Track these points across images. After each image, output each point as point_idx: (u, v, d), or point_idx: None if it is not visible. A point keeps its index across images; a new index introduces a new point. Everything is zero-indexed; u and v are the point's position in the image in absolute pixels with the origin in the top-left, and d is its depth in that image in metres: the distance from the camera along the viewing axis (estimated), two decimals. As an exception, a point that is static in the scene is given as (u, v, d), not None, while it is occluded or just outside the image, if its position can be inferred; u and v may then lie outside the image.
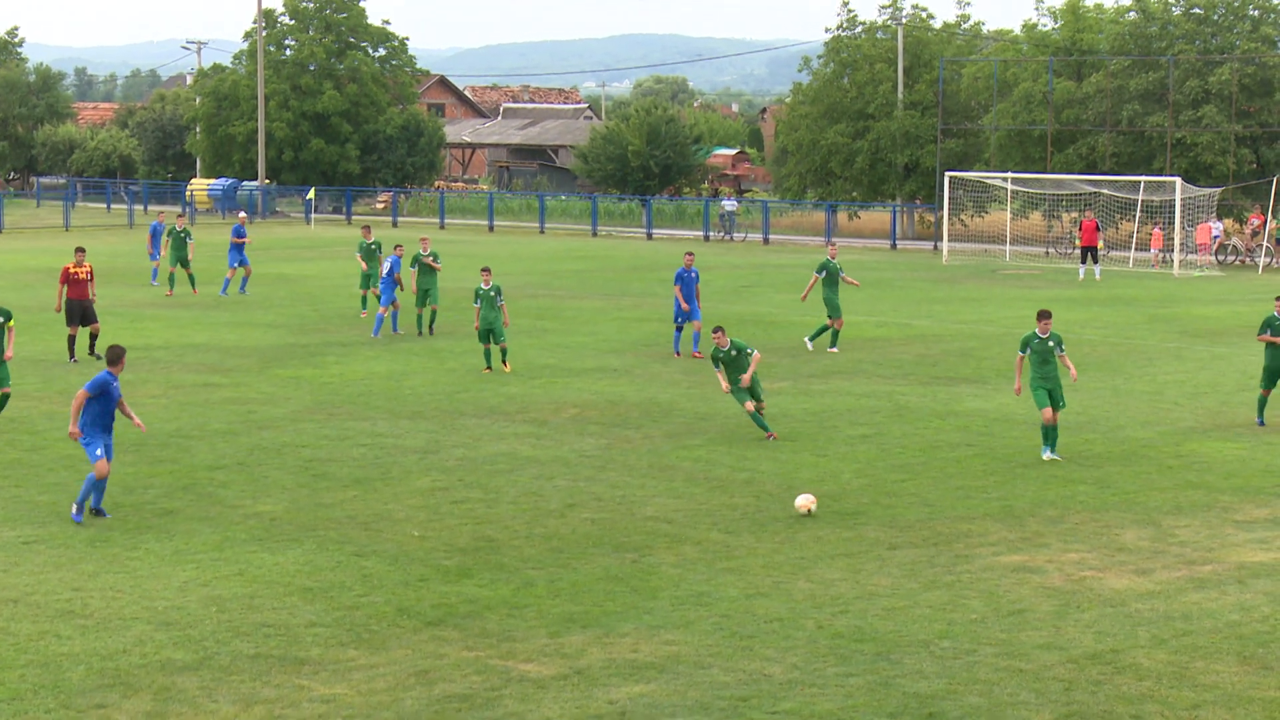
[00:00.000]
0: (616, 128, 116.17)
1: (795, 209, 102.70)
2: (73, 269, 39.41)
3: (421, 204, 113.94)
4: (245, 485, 25.50)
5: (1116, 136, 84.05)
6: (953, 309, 52.75)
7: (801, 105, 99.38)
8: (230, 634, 17.96)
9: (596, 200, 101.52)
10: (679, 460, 27.72)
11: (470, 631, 18.17)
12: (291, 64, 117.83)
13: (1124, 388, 36.04)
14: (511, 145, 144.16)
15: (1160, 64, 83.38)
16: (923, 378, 37.35)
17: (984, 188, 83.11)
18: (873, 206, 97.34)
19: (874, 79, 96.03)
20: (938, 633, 18.18)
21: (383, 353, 40.80)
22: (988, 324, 48.32)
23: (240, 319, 47.98)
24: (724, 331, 29.90)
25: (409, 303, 45.81)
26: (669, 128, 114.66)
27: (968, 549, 21.89)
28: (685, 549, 21.81)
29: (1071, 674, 16.84)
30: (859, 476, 26.47)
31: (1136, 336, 45.59)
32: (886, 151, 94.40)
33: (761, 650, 17.55)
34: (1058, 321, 48.40)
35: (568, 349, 41.84)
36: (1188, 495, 25.26)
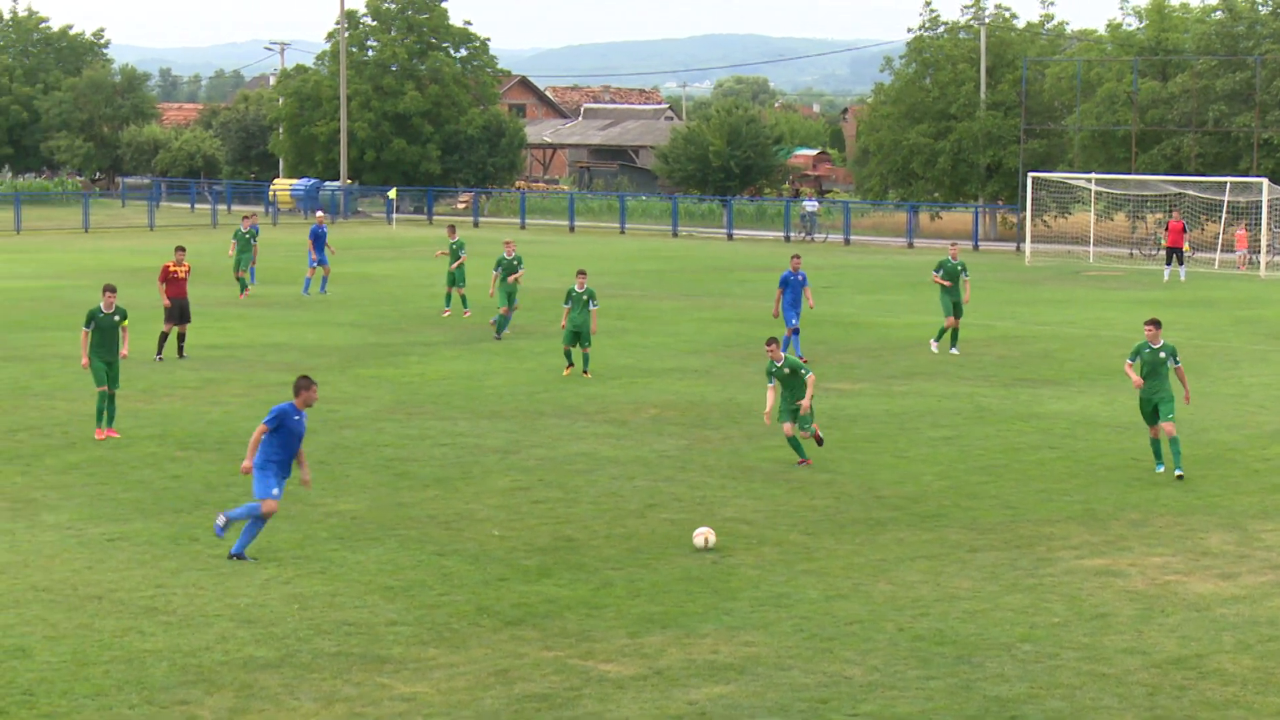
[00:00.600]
0: (697, 128, 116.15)
1: (876, 210, 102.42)
2: (173, 267, 39.77)
3: (502, 204, 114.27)
4: (327, 484, 25.62)
5: (1202, 137, 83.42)
6: (1035, 310, 52.49)
7: (883, 105, 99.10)
8: (312, 632, 18.06)
9: (677, 201, 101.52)
10: (759, 461, 27.69)
11: (550, 631, 18.20)
12: (373, 65, 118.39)
13: (1209, 391, 35.74)
14: (592, 146, 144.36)
15: (1247, 64, 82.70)
16: (1004, 379, 37.18)
17: (1067, 189, 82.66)
18: (954, 207, 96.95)
19: (956, 79, 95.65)
20: (1019, 636, 18.09)
21: (463, 352, 40.93)
22: (1070, 326, 48.06)
23: (322, 319, 48.24)
24: (778, 344, 28.44)
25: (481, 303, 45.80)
26: (750, 128, 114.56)
27: (1050, 552, 21.77)
28: (765, 550, 21.79)
29: (1155, 679, 16.72)
30: (940, 478, 26.37)
31: (1221, 339, 45.23)
32: (969, 152, 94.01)
33: (841, 652, 17.51)
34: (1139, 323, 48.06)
35: (647, 349, 41.87)
36: (1274, 499, 25.04)
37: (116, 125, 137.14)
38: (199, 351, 40.08)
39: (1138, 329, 46.26)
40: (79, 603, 19.12)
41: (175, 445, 28.59)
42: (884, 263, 73.88)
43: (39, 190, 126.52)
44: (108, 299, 29.97)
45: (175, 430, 29.96)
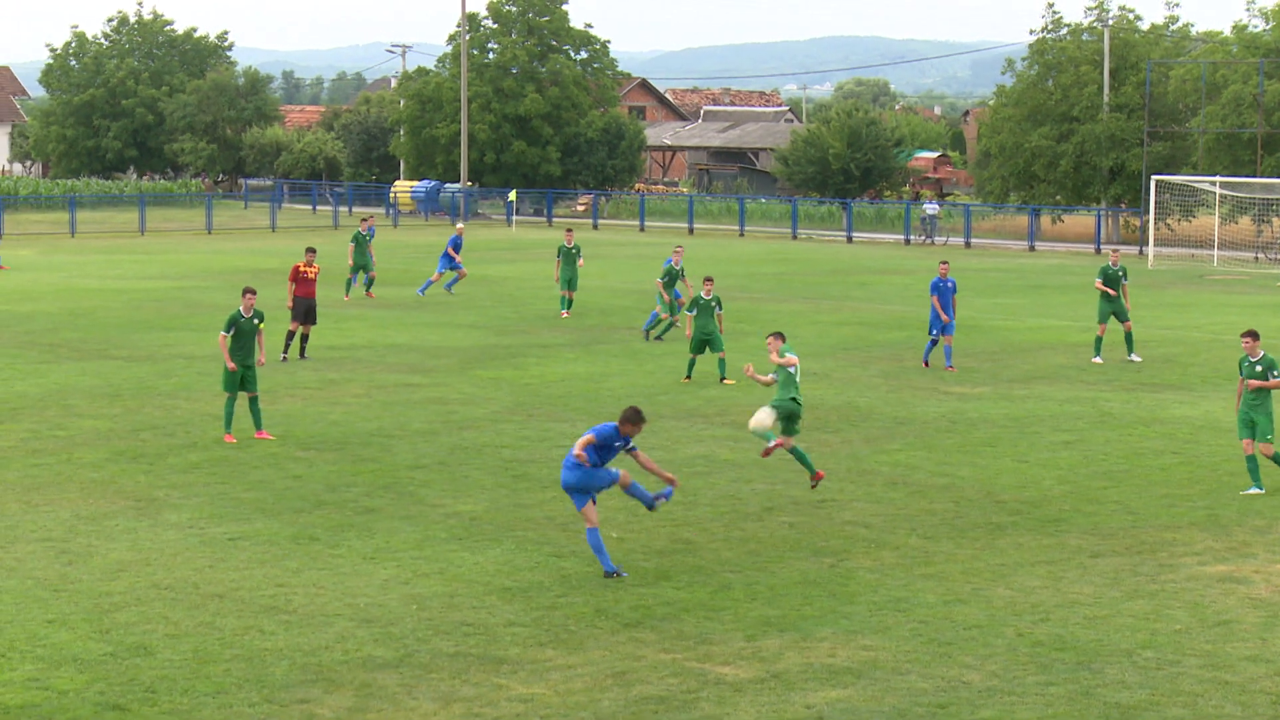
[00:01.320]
0: (817, 130, 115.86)
1: (997, 213, 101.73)
2: (303, 268, 40.16)
3: (621, 206, 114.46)
4: (445, 485, 25.77)
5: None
6: (1158, 314, 51.98)
7: (1005, 108, 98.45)
8: (430, 632, 18.17)
9: (796, 203, 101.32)
10: (877, 465, 27.59)
11: (667, 633, 18.21)
12: (494, 67, 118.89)
13: None
14: (712, 148, 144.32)
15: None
16: (1127, 384, 36.84)
17: (1191, 192, 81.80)
18: (1076, 210, 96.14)
19: (1079, 81, 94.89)
20: (1140, 642, 17.91)
21: (582, 354, 41.03)
22: (1194, 330, 47.57)
23: (442, 320, 48.52)
24: (783, 338, 26.76)
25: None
26: (870, 130, 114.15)
27: (1172, 558, 21.55)
28: (883, 554, 21.70)
29: (1279, 688, 16.51)
30: (1061, 483, 26.16)
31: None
32: (1091, 155, 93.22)
33: (960, 657, 17.41)
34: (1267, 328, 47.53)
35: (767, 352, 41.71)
36: (1400, 507, 24.66)
37: (240, 127, 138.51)
38: (319, 352, 40.42)
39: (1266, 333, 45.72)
40: (200, 601, 19.33)
41: (296, 445, 28.84)
42: (1005, 266, 73.39)
43: (163, 192, 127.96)
44: (248, 301, 29.92)
45: (296, 431, 30.22)
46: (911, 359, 40.61)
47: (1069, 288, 60.74)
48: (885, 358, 40.83)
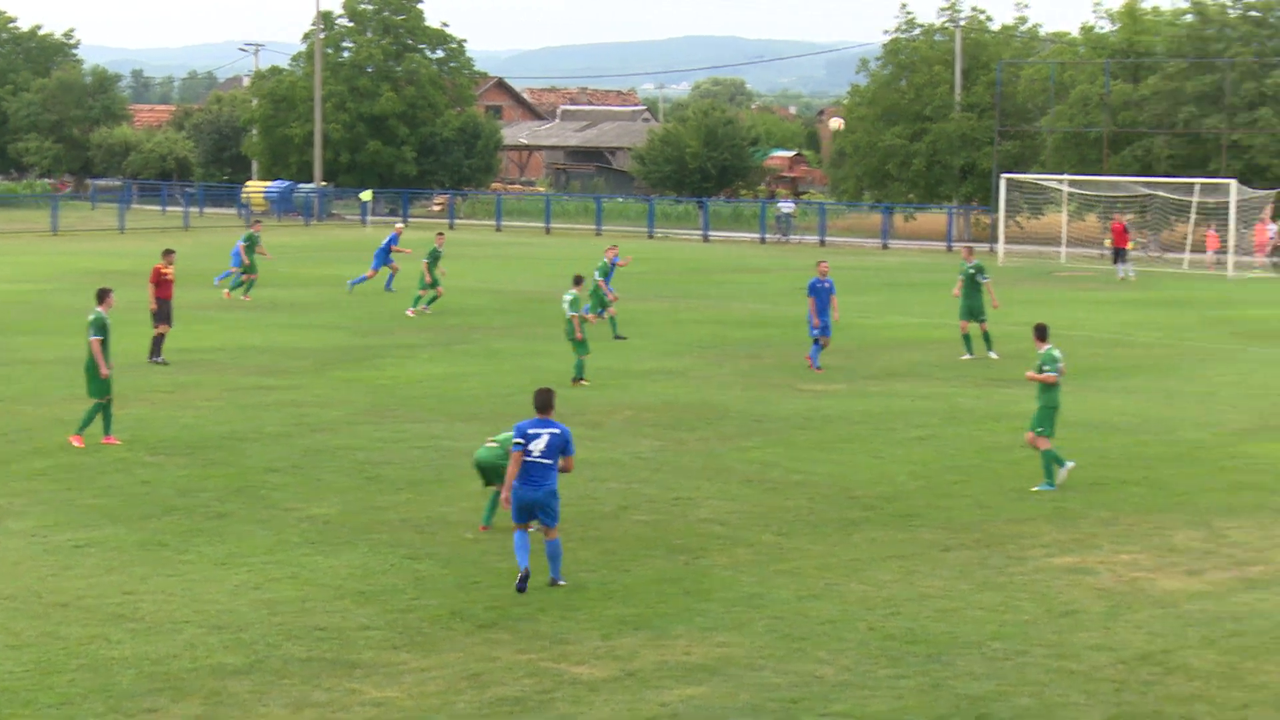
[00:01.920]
0: (674, 130, 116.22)
1: (852, 211, 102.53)
2: (163, 269, 39.74)
3: (478, 206, 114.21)
4: (299, 488, 25.56)
5: (1173, 139, 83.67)
6: (1008, 311, 52.47)
7: (859, 107, 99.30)
8: (282, 637, 18.01)
9: (654, 202, 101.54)
10: (733, 462, 27.69)
11: (523, 634, 18.17)
12: (349, 66, 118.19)
13: (1177, 390, 35.86)
14: (569, 147, 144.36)
15: (1217, 66, 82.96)
16: (978, 380, 37.23)
17: (1040, 190, 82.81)
18: (929, 208, 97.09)
19: (932, 81, 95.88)
20: (990, 634, 18.11)
21: (440, 355, 40.88)
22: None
23: (298, 321, 48.15)
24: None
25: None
26: (727, 129, 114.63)
27: (1020, 550, 21.81)
28: (739, 551, 21.78)
29: (1122, 675, 16.76)
30: (914, 478, 26.39)
31: (1190, 339, 45.34)
32: (943, 153, 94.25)
33: (813, 652, 17.51)
34: (1111, 323, 48.23)
35: (623, 351, 41.83)
36: (1240, 497, 25.11)
37: (87, 127, 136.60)
38: (172, 355, 39.93)
39: (1109, 329, 46.46)
40: (44, 610, 19.00)
41: (146, 450, 28.45)
42: (859, 264, 73.93)
43: (7, 193, 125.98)
44: (108, 303, 29.51)
45: (146, 435, 29.82)
46: (769, 357, 40.82)
47: (922, 285, 61.35)
48: (742, 356, 41.00)
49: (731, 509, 24.25)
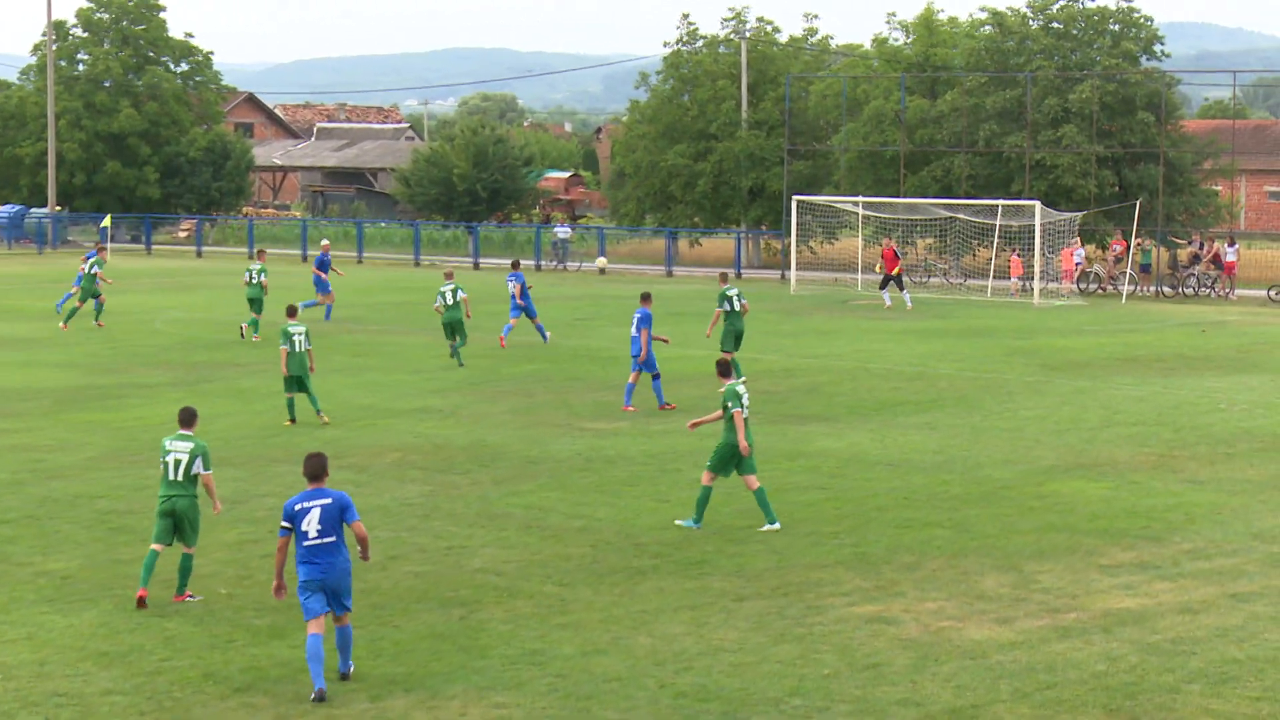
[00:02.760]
0: (440, 149, 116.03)
1: (633, 236, 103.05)
2: None
3: (228, 232, 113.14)
4: (34, 540, 25.09)
5: (973, 157, 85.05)
6: (801, 342, 53.12)
7: (639, 125, 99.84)
8: (17, 704, 17.65)
9: (419, 227, 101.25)
10: (509, 507, 27.65)
11: (283, 697, 17.98)
12: (85, 80, 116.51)
13: (982, 425, 36.45)
14: (326, 168, 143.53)
15: (1018, 81, 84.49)
16: (769, 416, 37.51)
17: (834, 213, 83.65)
18: (716, 233, 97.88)
19: (716, 96, 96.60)
20: (788, 689, 18.24)
21: (186, 394, 40.34)
22: (838, 358, 48.68)
23: (29, 359, 47.31)
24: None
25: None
26: (497, 149, 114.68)
27: (819, 599, 22.00)
28: (517, 603, 21.75)
29: (930, 732, 16.96)
30: (704, 523, 26.49)
31: (994, 370, 46.11)
32: (730, 174, 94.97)
33: (600, 712, 17.52)
34: (911, 354, 48.94)
35: (388, 388, 41.64)
36: (1050, 539, 25.56)
37: None
38: (-110, 396, 39.06)
39: (909, 360, 47.15)
40: None
41: None
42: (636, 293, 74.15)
43: None
44: None
45: None
46: (544, 394, 40.84)
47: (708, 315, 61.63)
48: (516, 392, 40.98)
49: (508, 558, 24.21)
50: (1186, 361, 48.27)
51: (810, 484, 29.65)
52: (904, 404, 39.45)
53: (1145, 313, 66.04)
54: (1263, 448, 33.71)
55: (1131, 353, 50.42)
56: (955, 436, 34.89)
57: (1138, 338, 55.25)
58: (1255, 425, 36.55)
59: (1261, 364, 47.88)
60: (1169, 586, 22.69)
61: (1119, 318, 63.42)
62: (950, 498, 28.60)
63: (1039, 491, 29.19)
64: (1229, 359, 49.11)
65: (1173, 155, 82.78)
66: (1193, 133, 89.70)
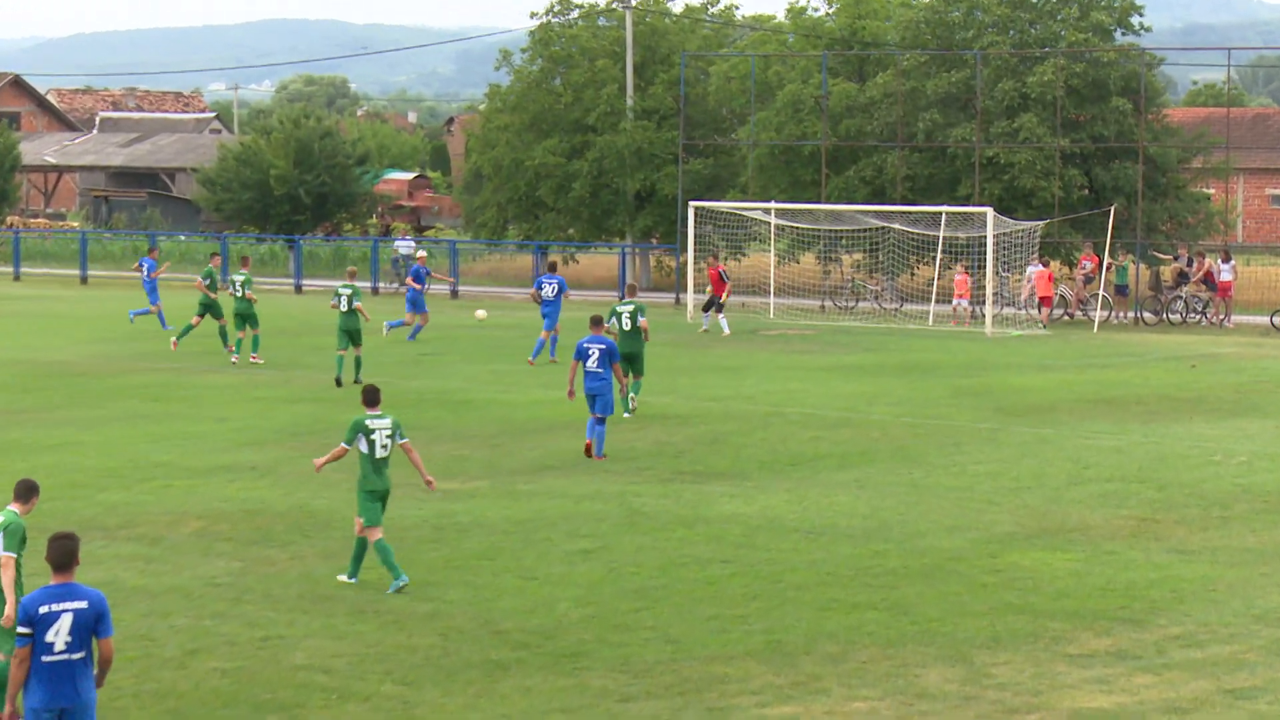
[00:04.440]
0: (254, 144, 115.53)
1: (493, 251, 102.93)
2: None
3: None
4: None
5: (911, 154, 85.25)
6: (701, 381, 53.10)
7: (500, 114, 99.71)
8: None
9: (227, 241, 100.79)
10: (340, 589, 27.50)
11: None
12: None
13: (924, 482, 36.53)
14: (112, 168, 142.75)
15: (965, 60, 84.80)
16: (663, 473, 37.47)
17: (741, 222, 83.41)
18: (595, 247, 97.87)
19: (595, 80, 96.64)
20: (685, 812, 18.21)
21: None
22: (747, 401, 48.70)
23: None
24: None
25: None
26: (324, 144, 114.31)
27: (724, 699, 21.99)
28: (349, 707, 21.65)
29: None
30: (579, 606, 26.47)
31: (938, 415, 46.26)
32: (613, 175, 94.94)
33: (451, 842, 17.45)
34: (837, 396, 49.03)
35: (190, 440, 41.37)
36: (1007, 622, 25.64)
37: None
38: None
39: (835, 403, 47.27)
40: None
41: None
42: (504, 321, 74.12)
43: None
44: None
45: None
46: (383, 446, 40.64)
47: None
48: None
49: (338, 651, 24.09)
50: (1172, 404, 48.63)
51: (712, 556, 29.62)
52: (827, 457, 39.50)
53: (1122, 344, 66.53)
54: (1265, 509, 33.97)
55: (1106, 393, 50.74)
56: (890, 497, 34.95)
57: (1113, 375, 55.64)
58: (1256, 482, 36.83)
59: (1264, 407, 48.29)
60: (1152, 680, 22.81)
61: (1090, 350, 63.83)
62: (884, 572, 28.64)
63: (993, 564, 29.28)
64: (1224, 401, 49.51)
65: (1154, 151, 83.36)
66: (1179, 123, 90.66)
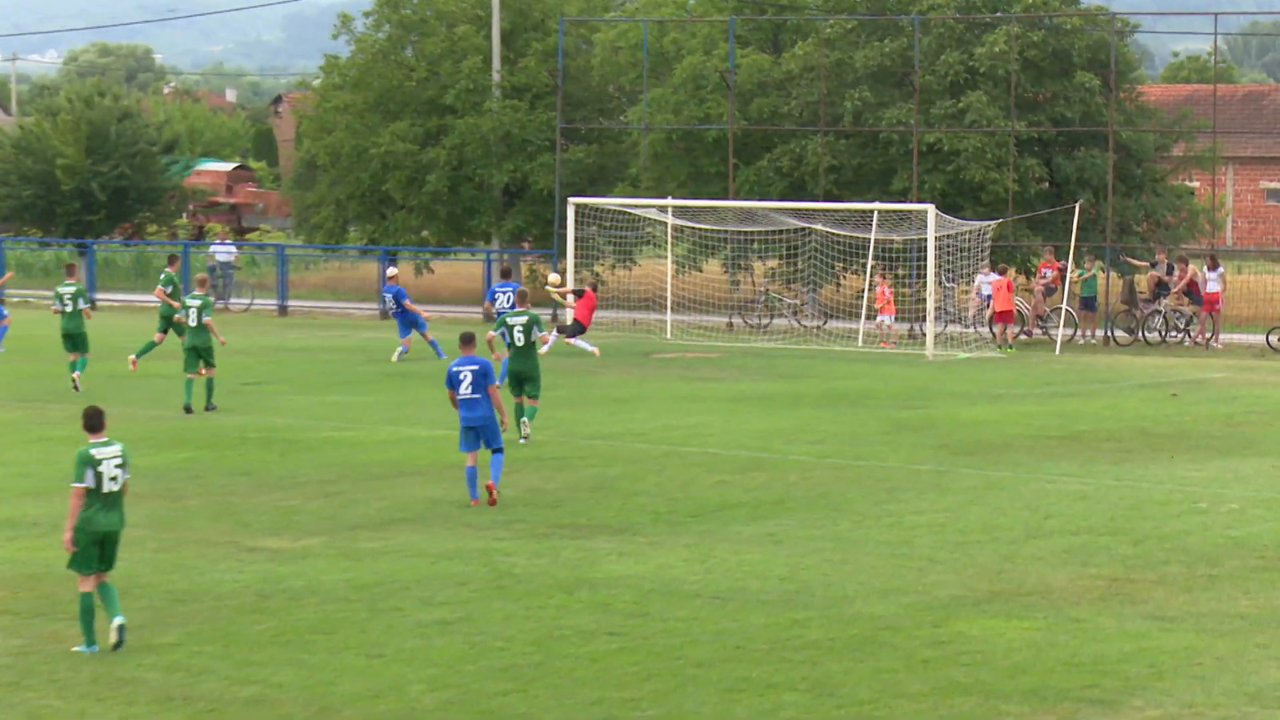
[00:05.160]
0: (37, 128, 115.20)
1: (330, 258, 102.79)
2: None
3: None
4: None
5: (836, 141, 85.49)
6: (584, 416, 53.15)
7: (339, 92, 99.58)
8: None
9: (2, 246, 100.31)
10: (140, 670, 27.41)
11: None
12: None
13: (852, 536, 36.60)
14: None
15: (901, 27, 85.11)
16: (537, 527, 37.47)
17: (631, 223, 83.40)
18: (455, 253, 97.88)
19: (455, 50, 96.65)
20: None
21: None
22: (639, 439, 48.76)
23: None
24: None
25: None
26: (124, 128, 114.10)
27: (610, 801, 22.06)
28: (154, 814, 21.63)
29: None
30: (436, 689, 26.48)
31: (870, 455, 46.38)
32: (476, 166, 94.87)
33: None
34: (746, 432, 49.16)
35: (-42, 490, 41.22)
36: (953, 705, 25.75)
37: None
38: None
39: (745, 440, 47.43)
40: None
41: None
42: (340, 343, 74.03)
43: None
44: None
45: None
46: (196, 495, 40.56)
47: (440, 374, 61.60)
48: (155, 494, 40.64)
49: (143, 745, 24.06)
50: (1150, 440, 48.91)
51: (597, 627, 29.65)
52: (737, 506, 39.54)
53: (1089, 368, 66.92)
54: (1261, 566, 34.10)
55: (1070, 427, 50.99)
56: (812, 554, 35.01)
57: (1079, 405, 55.93)
58: (1250, 534, 37.01)
59: (1259, 443, 48.57)
60: (1127, 773, 22.97)
61: (1051, 376, 64.15)
62: (805, 645, 28.70)
63: (935, 635, 29.37)
64: (1212, 436, 49.82)
65: (1127, 137, 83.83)
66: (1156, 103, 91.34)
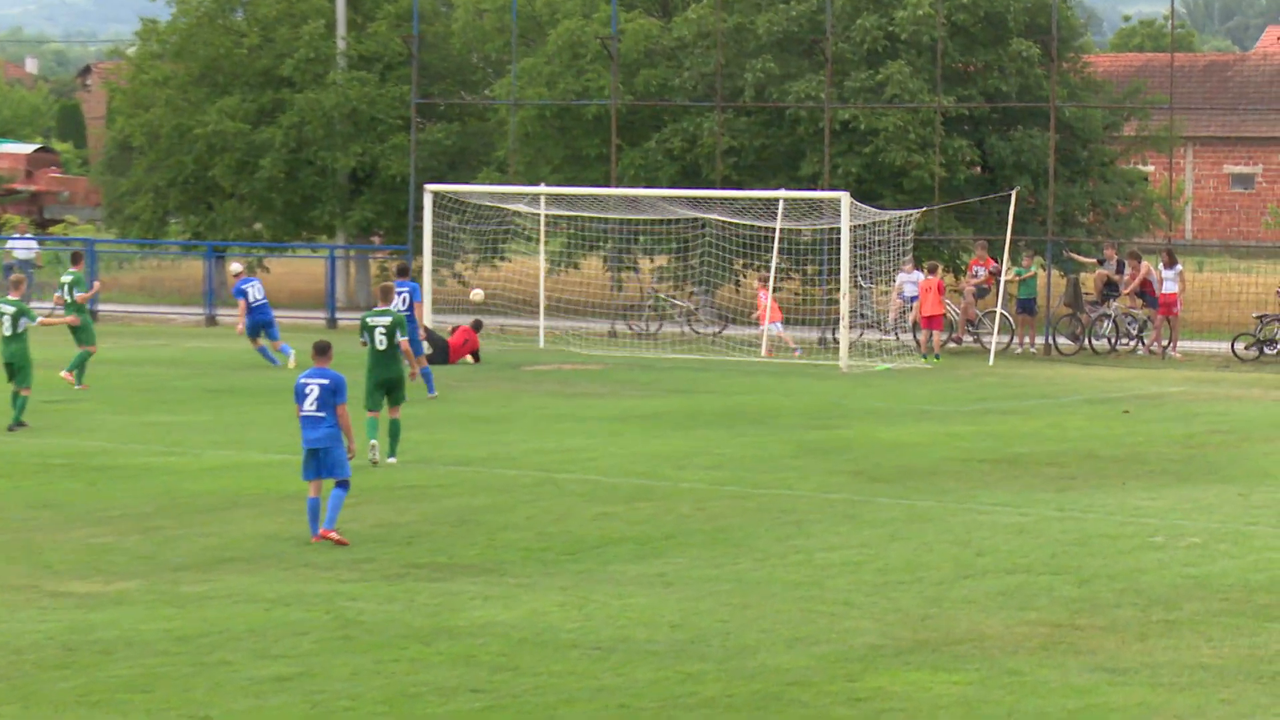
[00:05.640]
0: None
1: (149, 255, 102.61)
2: None
3: None
4: None
5: (735, 118, 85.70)
6: (445, 436, 53.12)
7: (158, 62, 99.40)
8: None
9: None
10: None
11: None
12: None
13: (754, 576, 36.61)
14: None
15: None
16: (388, 567, 37.41)
17: (498, 215, 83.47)
18: (293, 250, 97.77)
19: (293, 14, 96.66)
20: None
21: None
22: (508, 464, 48.73)
23: None
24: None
25: None
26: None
27: None
28: None
29: None
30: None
31: (775, 482, 46.44)
32: (318, 147, 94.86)
33: None
34: (627, 457, 49.18)
35: None
36: (874, 772, 25.85)
37: None
38: None
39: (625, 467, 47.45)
40: None
41: None
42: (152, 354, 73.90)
43: None
44: None
45: None
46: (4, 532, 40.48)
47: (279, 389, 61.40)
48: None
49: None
50: (1097, 465, 49.09)
51: (459, 683, 29.59)
52: (620, 543, 39.54)
53: (1028, 381, 67.21)
54: (1225, 610, 34.14)
55: (1007, 450, 51.15)
56: (708, 598, 35.00)
57: (1016, 424, 56.14)
58: (1213, 572, 37.11)
59: (1222, 468, 48.71)
60: None
61: (985, 390, 64.39)
62: (700, 703, 28.69)
63: (851, 690, 29.38)
64: (1169, 460, 50.01)
65: (1071, 113, 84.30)
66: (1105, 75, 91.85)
